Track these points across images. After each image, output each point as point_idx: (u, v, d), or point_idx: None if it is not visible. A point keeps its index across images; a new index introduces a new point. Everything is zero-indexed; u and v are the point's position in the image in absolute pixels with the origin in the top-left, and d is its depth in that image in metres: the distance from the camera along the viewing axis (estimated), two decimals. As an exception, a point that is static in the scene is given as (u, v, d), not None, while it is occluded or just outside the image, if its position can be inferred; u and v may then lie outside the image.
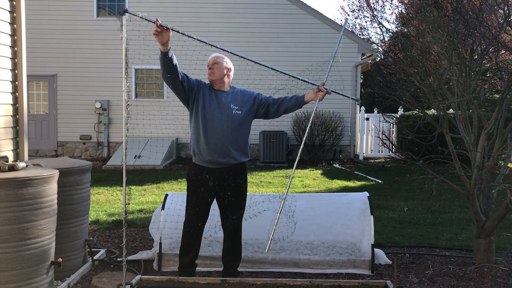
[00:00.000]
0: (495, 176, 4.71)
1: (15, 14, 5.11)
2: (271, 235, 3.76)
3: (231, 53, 3.83)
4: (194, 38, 3.69)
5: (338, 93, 4.22)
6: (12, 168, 3.57)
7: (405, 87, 5.19)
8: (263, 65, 3.93)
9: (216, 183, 3.97)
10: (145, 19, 3.49)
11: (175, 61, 3.79)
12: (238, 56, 3.86)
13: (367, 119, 14.09)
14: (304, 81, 4.05)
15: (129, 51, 3.63)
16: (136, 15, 3.43)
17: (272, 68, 3.98)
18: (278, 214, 3.80)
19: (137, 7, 13.18)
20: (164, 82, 3.93)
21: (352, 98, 4.23)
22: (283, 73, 4.03)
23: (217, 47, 3.79)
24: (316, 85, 4.00)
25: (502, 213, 4.41)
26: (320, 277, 4.39)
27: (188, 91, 3.94)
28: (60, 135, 13.90)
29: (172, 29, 3.59)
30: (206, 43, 3.72)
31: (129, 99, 13.47)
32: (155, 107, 12.80)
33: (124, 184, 3.66)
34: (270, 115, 4.13)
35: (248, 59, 3.90)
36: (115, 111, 13.81)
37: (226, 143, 3.90)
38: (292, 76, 4.00)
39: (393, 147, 5.75)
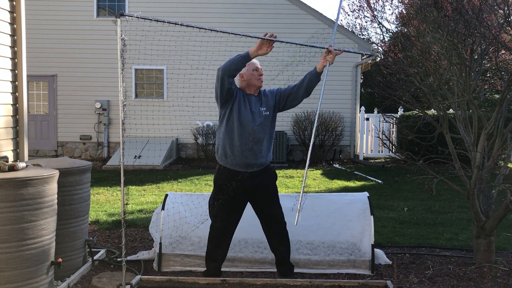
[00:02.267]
0: (495, 176, 4.71)
1: (15, 14, 5.11)
2: (298, 206, 3.80)
3: (243, 35, 3.85)
4: (206, 29, 3.74)
5: (350, 51, 4.27)
6: (12, 168, 3.57)
7: (405, 87, 5.19)
8: (276, 41, 3.86)
9: (249, 186, 3.99)
10: (142, 18, 3.51)
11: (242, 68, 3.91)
12: (250, 37, 3.86)
13: (367, 119, 14.09)
14: (312, 46, 4.02)
15: (129, 51, 3.64)
16: (131, 16, 3.45)
17: (281, 41, 3.88)
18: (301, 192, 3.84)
19: (137, 8, 13.18)
20: (219, 85, 3.87)
21: (366, 54, 4.22)
22: (290, 42, 3.99)
23: (229, 33, 3.81)
24: (324, 48, 4.00)
25: (502, 213, 4.41)
26: (320, 277, 4.39)
27: (231, 94, 3.96)
28: (60, 135, 13.91)
29: (182, 24, 3.64)
30: (218, 31, 3.76)
31: (129, 99, 13.51)
32: (155, 107, 12.80)
33: (122, 185, 3.66)
34: (294, 102, 4.15)
35: (257, 37, 3.85)
36: (115, 111, 13.80)
37: (259, 145, 3.97)
38: (299, 44, 3.93)
39: (393, 147, 5.74)
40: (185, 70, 12.46)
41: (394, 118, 6.63)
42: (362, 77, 18.67)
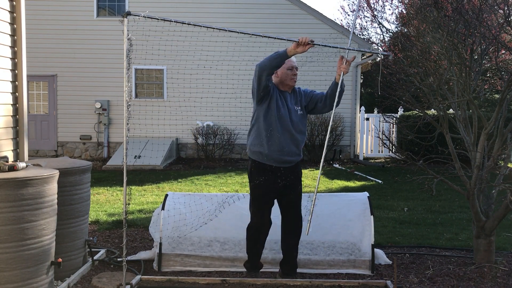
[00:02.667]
0: (495, 176, 4.71)
1: (15, 14, 5.11)
2: (310, 218, 3.91)
3: (253, 34, 3.84)
4: (214, 28, 3.74)
5: (366, 51, 4.33)
6: (12, 168, 3.57)
7: (405, 87, 5.19)
8: (286, 40, 3.85)
9: (283, 181, 4.07)
10: (148, 17, 3.54)
11: (281, 65, 3.92)
12: (262, 36, 3.90)
13: (367, 119, 14.09)
14: (326, 46, 4.00)
15: (131, 51, 3.65)
16: (138, 15, 3.49)
17: (317, 45, 3.88)
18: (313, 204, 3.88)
19: (137, 8, 13.18)
20: (257, 81, 3.91)
21: (382, 54, 4.16)
22: (324, 45, 3.99)
23: (238, 32, 3.82)
24: (336, 47, 4.04)
25: (502, 213, 4.41)
26: (320, 277, 4.39)
27: (267, 91, 4.01)
28: (60, 135, 13.91)
29: (189, 24, 3.66)
30: (226, 30, 3.76)
31: (129, 99, 13.52)
32: (155, 107, 12.81)
33: (124, 185, 3.66)
34: (323, 111, 4.23)
35: (274, 38, 3.92)
36: (115, 111, 13.81)
37: (295, 142, 4.05)
38: (317, 45, 3.87)
39: (393, 147, 5.74)
40: (185, 70, 12.47)
41: (394, 118, 6.63)
42: (362, 77, 18.68)
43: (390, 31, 18.67)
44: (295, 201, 4.22)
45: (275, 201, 4.25)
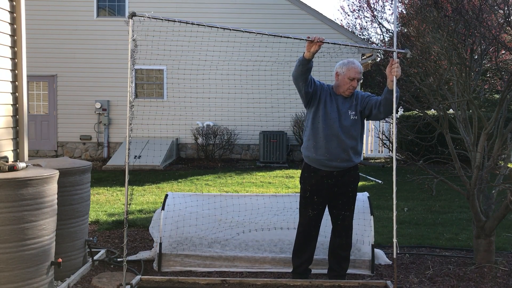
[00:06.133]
0: (495, 176, 4.71)
1: (15, 14, 5.11)
2: None
3: (258, 33, 3.81)
4: (218, 27, 3.73)
5: (380, 49, 4.26)
6: (12, 168, 3.57)
7: (405, 87, 5.20)
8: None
9: (332, 185, 3.98)
10: (153, 18, 3.57)
11: (309, 70, 3.83)
12: (275, 36, 3.89)
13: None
14: (335, 44, 3.89)
15: (135, 52, 3.67)
16: (143, 16, 3.52)
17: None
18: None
19: (137, 8, 13.18)
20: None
21: (399, 51, 3.96)
22: (334, 43, 3.88)
23: (242, 31, 3.79)
24: (347, 45, 4.02)
25: (502, 213, 4.41)
26: (320, 277, 4.39)
27: (311, 95, 3.97)
28: (60, 135, 13.91)
29: (193, 23, 3.69)
30: (231, 29, 3.73)
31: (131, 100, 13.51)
32: (155, 107, 12.81)
33: (126, 185, 3.66)
34: (379, 117, 4.09)
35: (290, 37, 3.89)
36: (115, 111, 13.81)
37: (343, 147, 3.93)
38: (328, 42, 3.75)
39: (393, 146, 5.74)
40: (185, 70, 12.47)
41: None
42: (362, 77, 18.63)
43: (390, 31, 18.66)
44: (343, 209, 4.07)
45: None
